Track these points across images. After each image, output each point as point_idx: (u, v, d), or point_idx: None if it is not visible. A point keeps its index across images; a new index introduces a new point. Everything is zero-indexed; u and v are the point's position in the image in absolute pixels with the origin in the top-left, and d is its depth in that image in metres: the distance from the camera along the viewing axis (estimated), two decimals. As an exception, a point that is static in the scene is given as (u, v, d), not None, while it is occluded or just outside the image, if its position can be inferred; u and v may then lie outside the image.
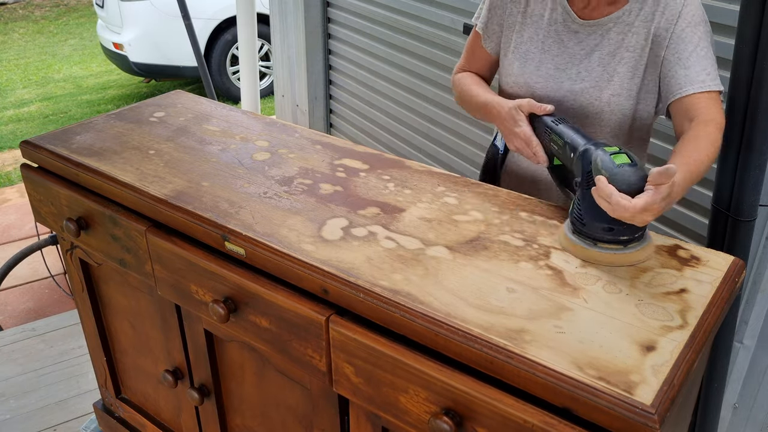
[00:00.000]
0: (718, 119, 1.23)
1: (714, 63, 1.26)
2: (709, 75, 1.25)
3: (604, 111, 1.35)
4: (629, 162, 1.03)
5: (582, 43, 1.35)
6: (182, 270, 1.23)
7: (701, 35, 1.26)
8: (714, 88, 1.24)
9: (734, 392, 1.83)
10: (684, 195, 1.15)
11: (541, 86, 1.39)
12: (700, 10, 1.28)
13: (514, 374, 0.86)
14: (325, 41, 3.81)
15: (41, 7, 9.61)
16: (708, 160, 1.16)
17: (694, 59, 1.25)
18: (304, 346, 1.08)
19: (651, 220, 1.00)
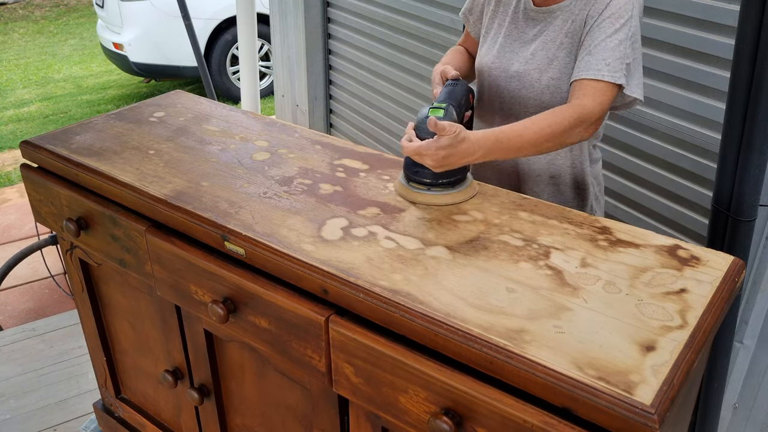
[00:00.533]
0: (585, 105, 1.26)
1: (621, 57, 1.27)
2: (608, 66, 1.27)
3: (544, 93, 1.40)
4: (441, 116, 1.20)
5: (534, 28, 1.41)
6: (181, 270, 1.23)
7: (618, 28, 1.28)
8: (604, 78, 1.26)
9: (734, 392, 1.83)
10: (493, 156, 1.21)
11: (496, 66, 1.47)
12: (630, 5, 1.29)
13: (513, 374, 0.85)
14: (325, 41, 3.81)
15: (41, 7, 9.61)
16: (536, 132, 1.23)
17: (600, 48, 1.28)
18: (303, 346, 1.08)
19: (432, 164, 1.16)
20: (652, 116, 1.92)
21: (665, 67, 1.85)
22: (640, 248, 1.08)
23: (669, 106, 1.87)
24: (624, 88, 1.29)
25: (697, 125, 1.81)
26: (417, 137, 1.20)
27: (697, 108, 1.79)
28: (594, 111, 1.27)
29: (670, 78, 1.85)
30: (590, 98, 1.27)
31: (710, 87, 1.75)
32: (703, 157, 1.81)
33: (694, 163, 1.83)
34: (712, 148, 1.78)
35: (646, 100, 1.92)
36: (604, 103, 1.28)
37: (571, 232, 1.13)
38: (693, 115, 1.81)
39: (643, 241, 1.10)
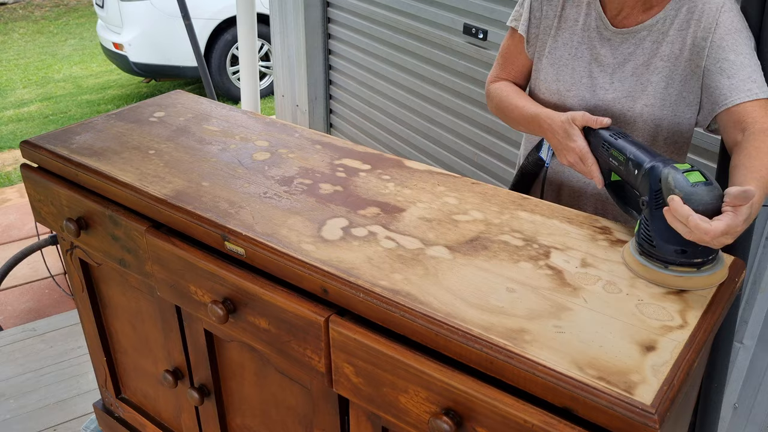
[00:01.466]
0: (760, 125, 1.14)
1: (759, 69, 1.19)
2: (755, 82, 1.18)
3: (637, 121, 1.31)
4: (704, 180, 0.96)
5: (615, 51, 1.31)
6: (181, 271, 1.23)
7: (742, 42, 1.20)
8: (762, 96, 1.17)
9: (734, 392, 1.83)
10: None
11: (573, 94, 1.36)
12: (738, 17, 1.22)
13: (514, 374, 0.85)
14: (325, 41, 3.81)
15: (41, 7, 9.61)
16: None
17: (738, 67, 1.19)
18: (303, 347, 1.08)
19: (730, 242, 0.93)
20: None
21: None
22: (640, 248, 1.08)
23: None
24: None
25: (697, 125, 1.80)
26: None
27: (697, 108, 1.79)
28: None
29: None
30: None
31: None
32: (703, 157, 1.81)
33: (694, 163, 1.83)
34: (712, 148, 1.78)
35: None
36: None
37: (572, 232, 1.13)
38: (693, 115, 1.81)
39: (644, 241, 1.10)
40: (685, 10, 1.24)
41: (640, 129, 1.32)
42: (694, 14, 1.24)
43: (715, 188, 0.95)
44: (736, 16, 1.22)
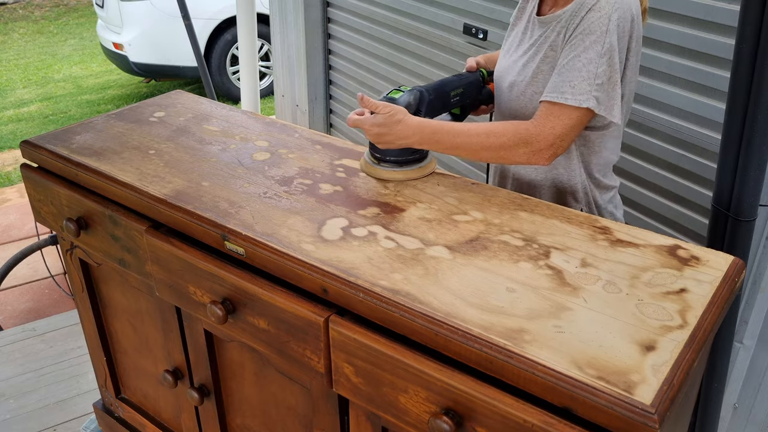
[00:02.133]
0: (532, 129, 1.22)
1: (591, 77, 1.20)
2: (572, 88, 1.21)
3: (527, 107, 1.36)
4: (396, 97, 1.28)
5: (532, 38, 1.38)
6: (180, 271, 1.23)
7: (587, 46, 1.21)
8: (567, 102, 1.21)
9: (734, 392, 1.83)
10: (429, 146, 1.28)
11: (498, 75, 1.47)
12: (604, 20, 1.20)
13: (513, 374, 0.85)
14: (325, 41, 3.81)
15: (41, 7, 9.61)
16: (472, 138, 1.26)
17: (567, 69, 1.23)
18: (302, 347, 1.08)
19: (369, 138, 1.27)
20: (652, 116, 1.92)
21: (665, 67, 1.85)
22: (640, 248, 1.08)
23: (669, 106, 1.87)
24: (596, 111, 1.22)
25: (697, 125, 1.81)
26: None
27: (697, 108, 1.79)
28: (541, 136, 1.21)
29: (670, 78, 1.85)
30: (540, 122, 1.22)
31: (710, 87, 1.75)
32: (703, 157, 1.81)
33: (694, 163, 1.83)
34: (712, 148, 1.78)
35: (646, 100, 1.92)
36: (557, 128, 1.21)
37: (571, 232, 1.13)
38: (693, 115, 1.81)
39: (643, 241, 1.10)
40: (578, 5, 1.26)
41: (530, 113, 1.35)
42: (578, 9, 1.26)
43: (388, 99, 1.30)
44: (601, 19, 1.21)
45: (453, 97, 1.40)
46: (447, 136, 1.26)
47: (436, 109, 1.36)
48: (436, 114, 1.37)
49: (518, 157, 1.25)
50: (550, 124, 1.22)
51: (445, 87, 1.38)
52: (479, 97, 1.48)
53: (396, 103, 1.28)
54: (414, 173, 1.31)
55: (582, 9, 1.24)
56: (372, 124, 1.25)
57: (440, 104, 1.37)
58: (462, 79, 1.43)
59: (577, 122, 1.23)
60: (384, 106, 1.24)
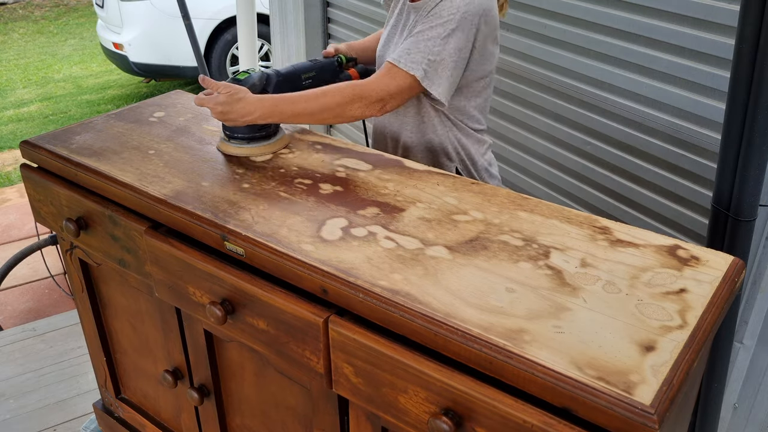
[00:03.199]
0: (369, 84, 1.38)
1: (425, 52, 1.37)
2: (408, 55, 1.38)
3: None
4: (241, 78, 1.37)
5: (408, 21, 1.51)
6: (179, 272, 1.23)
7: (432, 26, 1.37)
8: (399, 65, 1.38)
9: (734, 392, 1.83)
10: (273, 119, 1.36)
11: (379, 56, 1.61)
12: (452, 11, 1.36)
13: (513, 374, 0.85)
14: (325, 41, 3.80)
15: (41, 7, 9.61)
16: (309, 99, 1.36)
17: (411, 39, 1.39)
18: (301, 348, 1.08)
19: (214, 116, 1.35)
20: (652, 116, 1.92)
21: (665, 67, 1.85)
22: (639, 248, 1.08)
23: (669, 106, 1.86)
24: (420, 81, 1.38)
25: (697, 125, 1.81)
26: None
27: (697, 108, 1.79)
28: (374, 90, 1.38)
29: (670, 78, 1.85)
30: (377, 78, 1.39)
31: (710, 87, 1.75)
32: (703, 157, 1.81)
33: (694, 163, 1.83)
34: (712, 148, 1.78)
35: (646, 100, 1.92)
36: (391, 86, 1.38)
37: (571, 231, 1.13)
38: (693, 115, 1.81)
39: (643, 241, 1.10)
40: None
41: None
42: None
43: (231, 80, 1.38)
44: (449, 8, 1.37)
45: (304, 80, 1.46)
46: (287, 105, 1.35)
47: (285, 92, 1.40)
48: None
49: (354, 111, 1.38)
50: (384, 81, 1.39)
51: (297, 71, 1.46)
52: (334, 81, 1.54)
53: (241, 83, 1.36)
54: (263, 149, 1.39)
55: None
56: (215, 103, 1.33)
57: (289, 87, 1.42)
58: (316, 63, 1.50)
59: (407, 87, 1.40)
60: (225, 86, 1.33)
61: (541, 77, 2.22)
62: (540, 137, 2.30)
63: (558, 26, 2.12)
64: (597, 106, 2.07)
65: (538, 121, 2.28)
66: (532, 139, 2.33)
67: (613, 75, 1.99)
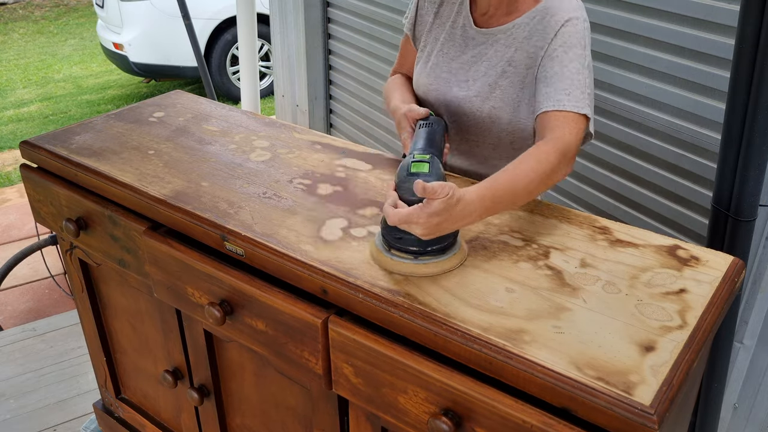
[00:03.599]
0: (562, 138, 1.16)
1: (582, 86, 1.20)
2: (569, 96, 1.19)
3: (485, 122, 1.33)
4: (426, 171, 1.00)
5: (474, 50, 1.34)
6: (178, 272, 1.22)
7: (572, 57, 1.22)
8: (569, 109, 1.18)
9: (734, 392, 1.83)
10: (490, 214, 1.06)
11: (433, 88, 1.39)
12: (580, 35, 1.23)
13: (513, 374, 0.85)
14: (325, 41, 3.80)
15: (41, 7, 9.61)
16: (526, 178, 1.09)
17: (558, 78, 1.21)
18: (300, 348, 1.07)
19: (422, 233, 0.98)
20: (652, 116, 1.92)
21: (665, 67, 1.85)
22: (639, 248, 1.08)
23: (669, 106, 1.86)
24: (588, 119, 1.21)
25: (697, 125, 1.81)
26: (401, 199, 1.02)
27: (697, 108, 1.79)
28: (572, 142, 1.17)
29: (670, 78, 1.85)
30: (566, 130, 1.17)
31: (710, 87, 1.75)
32: (703, 157, 1.81)
33: (694, 163, 1.83)
34: (712, 148, 1.78)
35: (646, 100, 1.92)
36: (579, 134, 1.19)
37: (571, 231, 1.13)
38: (693, 115, 1.81)
39: (643, 241, 1.10)
40: (537, 20, 1.26)
41: (488, 129, 1.34)
42: (541, 24, 1.25)
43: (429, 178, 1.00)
44: (578, 33, 1.23)
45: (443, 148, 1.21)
46: (506, 196, 1.07)
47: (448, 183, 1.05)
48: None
49: (560, 175, 1.16)
50: (573, 130, 1.18)
51: (437, 143, 1.17)
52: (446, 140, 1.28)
53: (429, 175, 1.01)
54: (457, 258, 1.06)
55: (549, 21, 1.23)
56: (430, 214, 0.97)
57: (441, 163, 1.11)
58: (435, 127, 1.23)
59: (583, 128, 1.21)
60: (441, 189, 0.96)
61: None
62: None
63: (558, 26, 2.12)
64: (597, 106, 2.06)
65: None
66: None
67: (613, 75, 1.99)
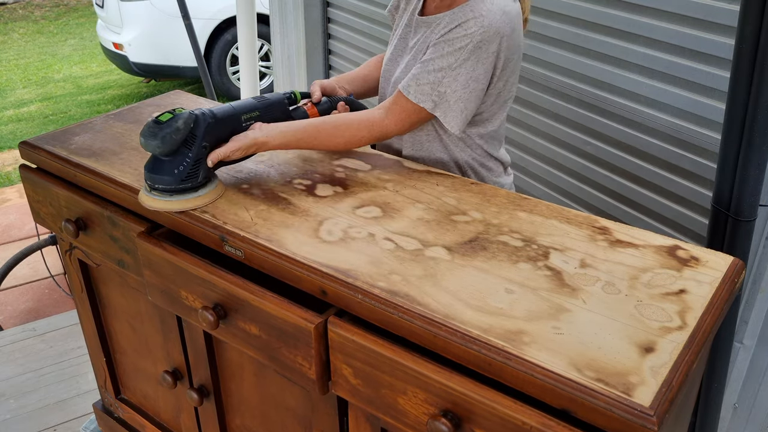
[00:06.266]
0: (385, 122, 1.34)
1: (434, 83, 1.30)
2: (418, 86, 1.31)
3: None
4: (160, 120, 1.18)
5: (415, 37, 1.43)
6: (172, 276, 1.22)
7: (443, 55, 1.29)
8: (408, 96, 1.31)
9: (734, 392, 1.83)
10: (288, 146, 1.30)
11: (384, 72, 1.53)
12: (465, 40, 1.27)
13: (512, 376, 0.85)
14: (325, 41, 3.80)
15: (41, 7, 9.61)
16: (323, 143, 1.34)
17: (421, 66, 1.32)
18: (293, 353, 1.07)
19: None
20: (652, 116, 1.91)
21: (665, 67, 1.85)
22: (639, 248, 1.08)
23: (669, 106, 1.86)
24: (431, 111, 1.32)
25: (697, 125, 1.80)
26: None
27: (697, 108, 1.79)
28: (393, 129, 1.35)
29: (670, 78, 1.84)
30: (393, 116, 1.34)
31: (710, 87, 1.75)
32: (703, 157, 1.81)
33: (694, 163, 1.83)
34: (712, 148, 1.77)
35: (646, 100, 1.92)
36: (405, 124, 1.35)
37: (570, 232, 1.13)
38: (693, 115, 1.81)
39: (643, 241, 1.10)
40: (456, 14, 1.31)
41: None
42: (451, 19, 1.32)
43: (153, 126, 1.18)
44: (462, 37, 1.28)
45: (245, 121, 1.29)
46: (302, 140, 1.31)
47: (223, 136, 1.25)
48: (218, 141, 1.24)
49: (363, 142, 1.37)
50: (397, 116, 1.34)
51: (236, 111, 1.27)
52: (282, 119, 1.37)
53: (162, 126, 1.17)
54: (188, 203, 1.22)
55: (455, 21, 1.30)
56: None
57: (226, 130, 1.25)
58: (262, 102, 1.33)
59: (418, 118, 1.35)
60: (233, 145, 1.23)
61: (541, 77, 2.22)
62: (540, 137, 2.30)
63: (558, 26, 2.11)
64: (597, 106, 2.06)
65: (537, 121, 2.28)
66: (532, 139, 2.33)
67: (613, 75, 1.99)
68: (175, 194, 1.21)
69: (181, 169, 1.19)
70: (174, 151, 1.19)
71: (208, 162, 1.22)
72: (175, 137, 1.17)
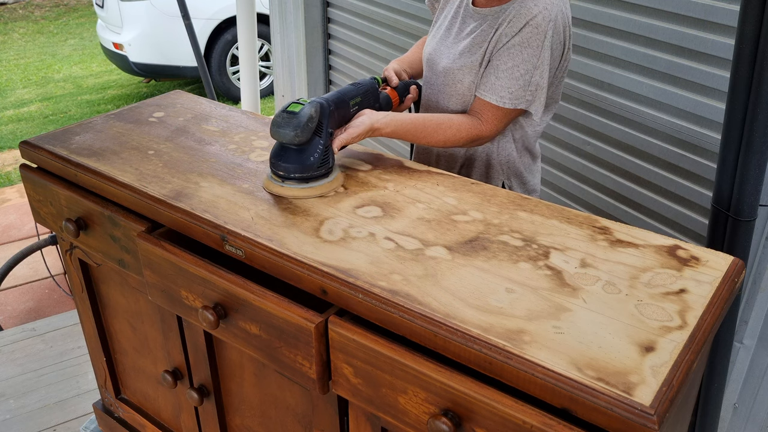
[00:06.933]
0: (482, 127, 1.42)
1: (525, 85, 1.38)
2: (511, 94, 1.39)
3: (465, 95, 1.48)
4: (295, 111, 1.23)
5: (468, 27, 1.48)
6: (172, 275, 1.22)
7: (525, 58, 1.37)
8: (505, 106, 1.40)
9: (734, 392, 1.83)
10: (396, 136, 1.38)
11: (430, 59, 1.56)
12: (540, 37, 1.35)
13: (513, 375, 0.85)
14: (325, 41, 3.80)
15: (41, 7, 9.61)
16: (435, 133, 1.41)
17: (507, 75, 1.39)
18: (293, 353, 1.07)
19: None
20: (652, 116, 1.92)
21: (665, 67, 1.85)
22: (639, 248, 1.08)
23: (669, 106, 1.86)
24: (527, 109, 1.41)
25: (697, 125, 1.81)
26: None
27: (697, 108, 1.79)
28: (490, 135, 1.43)
29: (670, 78, 1.85)
30: (491, 124, 1.42)
31: (710, 87, 1.75)
32: (703, 157, 1.81)
33: (694, 163, 1.83)
34: (712, 148, 1.78)
35: (646, 100, 1.92)
36: (501, 127, 1.44)
37: (571, 232, 1.13)
38: (693, 115, 1.81)
39: (643, 241, 1.10)
40: (515, 10, 1.37)
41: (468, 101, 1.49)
42: (515, 13, 1.37)
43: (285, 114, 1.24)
44: (537, 35, 1.35)
45: (352, 106, 1.37)
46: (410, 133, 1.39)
47: (337, 122, 1.32)
48: (337, 127, 1.33)
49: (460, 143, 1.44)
50: (496, 124, 1.43)
51: (344, 97, 1.35)
52: (377, 103, 1.46)
53: (295, 116, 1.23)
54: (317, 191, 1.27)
55: (520, 17, 1.36)
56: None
57: (341, 116, 1.33)
58: (359, 88, 1.41)
59: (511, 117, 1.44)
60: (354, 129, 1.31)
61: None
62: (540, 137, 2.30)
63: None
64: (597, 106, 2.07)
65: (538, 121, 2.28)
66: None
67: (613, 75, 1.99)
68: (311, 181, 1.26)
69: (317, 156, 1.25)
70: (308, 140, 1.24)
71: (334, 147, 1.29)
72: (310, 125, 1.23)
